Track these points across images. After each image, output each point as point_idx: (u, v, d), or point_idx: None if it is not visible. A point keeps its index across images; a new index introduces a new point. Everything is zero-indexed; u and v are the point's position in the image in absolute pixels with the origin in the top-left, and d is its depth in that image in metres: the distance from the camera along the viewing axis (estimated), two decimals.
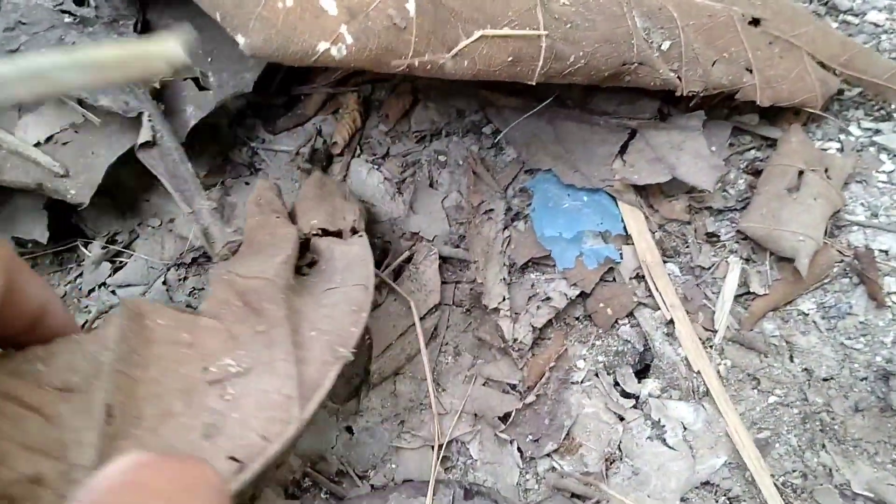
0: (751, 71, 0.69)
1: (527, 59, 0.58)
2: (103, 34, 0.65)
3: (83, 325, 0.67)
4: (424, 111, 0.76)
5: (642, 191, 0.71)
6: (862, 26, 0.81)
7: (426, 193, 0.72)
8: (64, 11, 0.66)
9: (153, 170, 0.63)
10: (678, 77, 0.65)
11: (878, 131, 0.76)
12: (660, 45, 0.65)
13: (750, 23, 0.72)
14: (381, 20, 0.54)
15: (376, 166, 0.74)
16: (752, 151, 0.75)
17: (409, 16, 0.54)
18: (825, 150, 0.75)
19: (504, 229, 0.70)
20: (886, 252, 0.70)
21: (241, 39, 0.51)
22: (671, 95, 0.67)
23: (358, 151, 0.75)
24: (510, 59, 0.57)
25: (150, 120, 0.63)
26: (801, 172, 0.71)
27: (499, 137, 0.73)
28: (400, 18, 0.54)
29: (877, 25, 0.81)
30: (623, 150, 0.71)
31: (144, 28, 0.68)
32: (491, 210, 0.70)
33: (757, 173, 0.73)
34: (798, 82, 0.71)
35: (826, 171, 0.72)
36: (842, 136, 0.76)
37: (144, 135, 0.63)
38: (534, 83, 0.59)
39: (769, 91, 0.70)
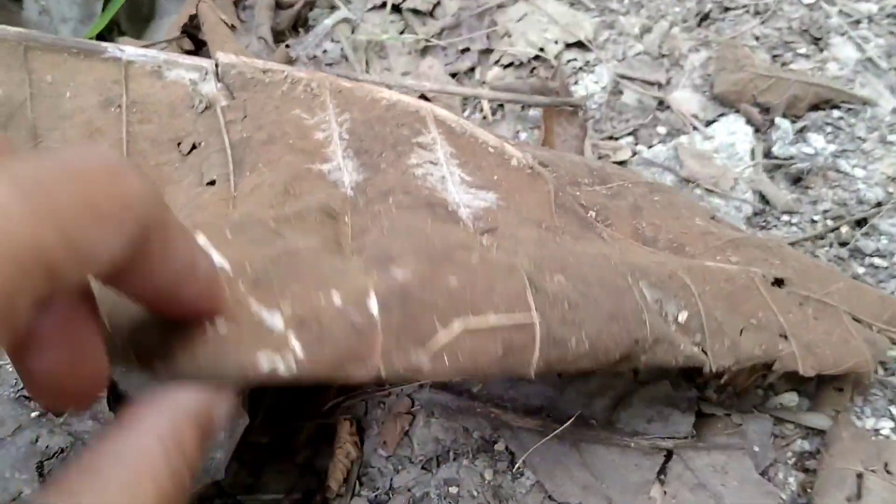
0: (786, 337, 0.60)
1: (520, 350, 0.47)
2: (77, 422, 0.56)
3: None
4: (427, 429, 0.67)
5: None
6: (892, 269, 0.74)
7: None
8: (27, 397, 0.57)
9: None
10: (703, 351, 0.56)
11: None
12: (676, 317, 0.55)
13: (773, 283, 0.64)
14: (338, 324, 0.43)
15: None
16: (799, 442, 0.67)
17: (372, 314, 0.43)
18: (878, 430, 0.67)
19: None
20: None
21: None
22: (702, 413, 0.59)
23: (357, 487, 0.65)
24: (501, 352, 0.47)
25: None
26: (859, 474, 0.63)
27: (517, 465, 0.65)
28: (360, 318, 0.43)
29: None
30: (660, 472, 0.63)
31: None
32: None
33: (807, 471, 0.65)
34: (842, 346, 0.63)
35: (886, 465, 0.64)
36: (893, 409, 0.68)
37: None
38: (532, 377, 0.49)
39: (811, 358, 0.61)
